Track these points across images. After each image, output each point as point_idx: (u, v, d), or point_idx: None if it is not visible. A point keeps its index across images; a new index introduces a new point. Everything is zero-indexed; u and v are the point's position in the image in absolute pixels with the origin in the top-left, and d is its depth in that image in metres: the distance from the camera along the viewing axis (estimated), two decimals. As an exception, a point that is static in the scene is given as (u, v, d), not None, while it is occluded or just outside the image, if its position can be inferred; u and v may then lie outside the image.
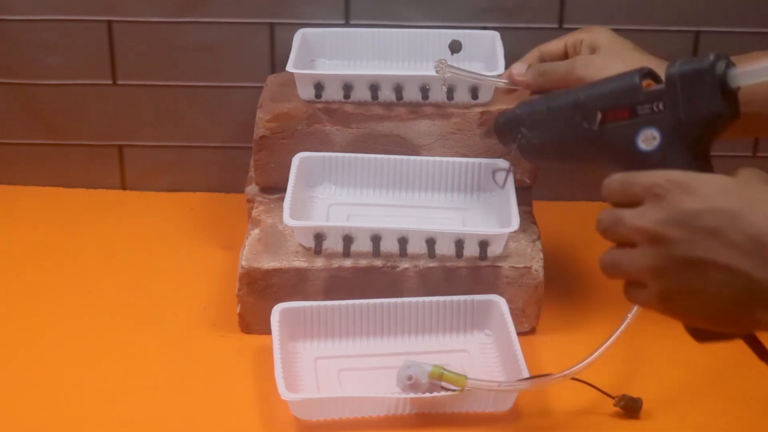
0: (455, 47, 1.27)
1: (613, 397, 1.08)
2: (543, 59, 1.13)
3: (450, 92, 1.25)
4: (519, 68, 1.13)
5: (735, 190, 0.77)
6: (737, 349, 1.19)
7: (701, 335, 0.84)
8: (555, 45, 1.12)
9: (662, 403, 1.09)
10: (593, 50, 1.09)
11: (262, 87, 1.34)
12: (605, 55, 1.07)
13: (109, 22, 1.39)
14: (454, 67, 1.18)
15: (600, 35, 1.09)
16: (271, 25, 1.38)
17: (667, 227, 0.78)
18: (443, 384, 1.04)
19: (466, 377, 1.04)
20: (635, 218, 0.80)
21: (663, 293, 0.79)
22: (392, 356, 1.13)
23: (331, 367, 1.12)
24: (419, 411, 1.06)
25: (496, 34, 1.33)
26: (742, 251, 0.75)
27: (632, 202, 0.80)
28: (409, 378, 1.04)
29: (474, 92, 1.26)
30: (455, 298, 1.16)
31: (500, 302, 1.15)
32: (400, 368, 1.05)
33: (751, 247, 0.75)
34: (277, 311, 1.13)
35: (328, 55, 1.36)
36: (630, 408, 1.07)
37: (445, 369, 1.05)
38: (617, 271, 0.83)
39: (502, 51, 1.30)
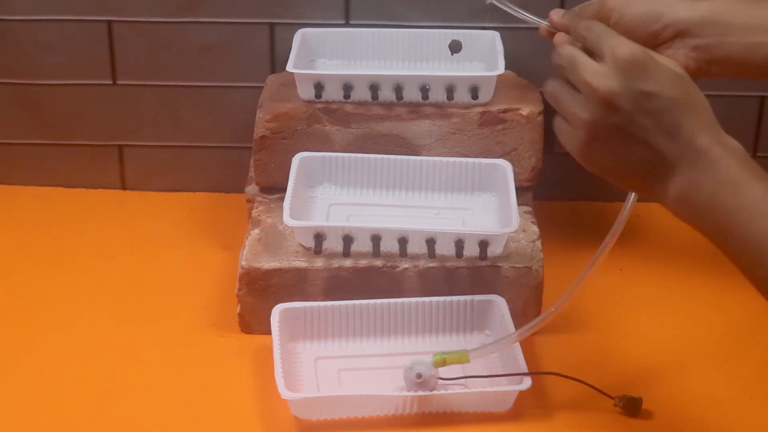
0: (455, 47, 1.27)
1: (612, 397, 1.08)
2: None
3: (450, 92, 1.25)
4: (557, 13, 1.11)
5: (682, 81, 0.89)
6: (738, 349, 1.19)
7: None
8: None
9: (662, 402, 1.09)
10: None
11: (262, 87, 1.34)
12: None
13: (109, 22, 1.38)
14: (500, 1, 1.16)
15: None
16: (271, 25, 1.38)
17: (617, 98, 0.87)
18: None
19: (467, 351, 1.06)
20: (592, 75, 0.88)
21: (588, 145, 0.89)
22: (392, 356, 1.13)
23: (331, 367, 1.12)
24: (419, 411, 1.06)
25: (496, 34, 1.33)
26: (667, 136, 0.87)
27: (593, 51, 0.90)
28: (419, 376, 1.04)
29: (474, 92, 1.26)
30: (455, 298, 1.16)
31: (500, 302, 1.15)
32: (405, 370, 1.05)
33: (675, 134, 0.87)
34: (277, 311, 1.13)
35: (328, 55, 1.36)
36: (630, 407, 1.07)
37: (444, 353, 1.06)
38: (556, 102, 0.91)
39: (502, 51, 1.30)
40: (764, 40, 1.04)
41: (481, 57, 1.34)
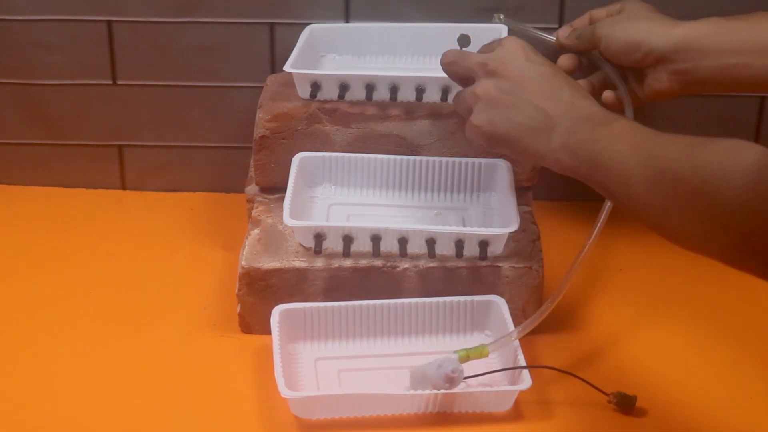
0: (463, 41, 1.27)
1: (606, 394, 1.08)
2: (591, 21, 1.21)
3: (445, 93, 1.25)
4: (564, 31, 1.23)
5: (560, 70, 1.08)
6: (735, 350, 1.19)
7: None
8: (603, 10, 1.21)
9: (657, 401, 1.09)
10: (620, 13, 1.19)
11: (262, 87, 1.34)
12: (620, 18, 1.17)
13: (109, 22, 1.38)
14: (511, 20, 1.25)
15: (631, 2, 1.19)
16: (271, 25, 1.38)
17: (504, 66, 1.05)
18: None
19: (484, 345, 1.08)
20: (481, 56, 1.08)
21: (484, 112, 1.05)
22: (392, 357, 1.14)
23: (331, 367, 1.12)
24: (419, 411, 1.07)
25: (504, 28, 1.32)
26: (550, 98, 1.03)
27: (484, 50, 1.09)
28: (454, 371, 1.04)
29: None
30: (455, 298, 1.16)
31: (500, 303, 1.15)
32: (432, 369, 1.05)
33: (557, 97, 1.02)
34: (277, 312, 1.13)
35: (338, 51, 1.36)
36: (624, 404, 1.07)
37: (466, 349, 1.07)
38: (459, 101, 1.10)
39: None
40: (735, 61, 1.11)
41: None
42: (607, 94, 1.20)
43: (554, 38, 1.23)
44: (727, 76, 1.12)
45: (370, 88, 1.25)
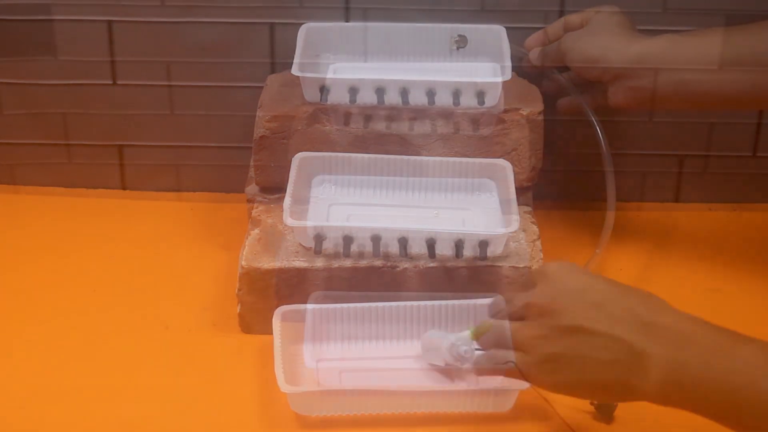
0: (461, 42, 1.27)
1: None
2: (566, 26, 1.25)
3: (456, 97, 1.25)
4: (533, 53, 1.28)
5: (612, 281, 0.89)
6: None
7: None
8: (578, 16, 1.24)
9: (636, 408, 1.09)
10: (588, 23, 1.23)
11: (262, 87, 1.34)
12: (581, 33, 1.21)
13: (109, 22, 1.38)
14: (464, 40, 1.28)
15: (598, 14, 1.23)
16: (271, 25, 1.38)
17: (555, 300, 0.87)
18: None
19: (486, 321, 1.02)
20: (527, 296, 0.90)
21: (546, 358, 0.87)
22: (394, 359, 1.14)
23: (333, 368, 1.12)
24: (418, 410, 1.07)
25: (502, 29, 1.32)
26: (622, 322, 0.84)
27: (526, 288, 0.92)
28: (467, 352, 1.02)
29: (480, 97, 1.25)
30: (458, 301, 1.16)
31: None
32: (446, 346, 1.04)
33: (631, 319, 0.84)
34: (279, 313, 1.13)
35: (333, 50, 1.36)
36: (603, 411, 1.06)
37: (473, 327, 1.02)
38: (502, 339, 0.92)
39: (508, 47, 1.29)
40: (687, 77, 1.15)
41: (488, 52, 1.34)
42: (563, 101, 1.28)
43: (524, 51, 1.29)
44: (681, 92, 1.15)
45: (380, 92, 1.25)
